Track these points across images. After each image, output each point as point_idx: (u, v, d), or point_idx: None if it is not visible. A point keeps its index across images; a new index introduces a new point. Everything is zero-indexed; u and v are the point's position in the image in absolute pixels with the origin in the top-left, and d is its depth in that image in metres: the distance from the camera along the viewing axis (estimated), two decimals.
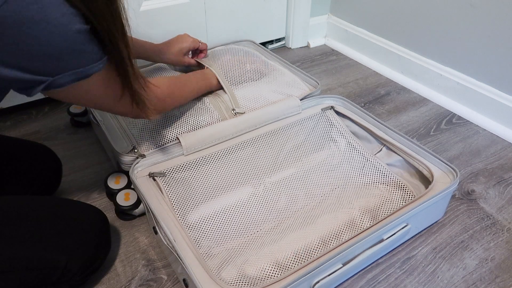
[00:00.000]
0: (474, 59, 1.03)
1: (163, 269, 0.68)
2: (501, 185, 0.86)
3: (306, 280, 0.56)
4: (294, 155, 0.84)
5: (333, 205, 0.74)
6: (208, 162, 0.77)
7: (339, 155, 0.86)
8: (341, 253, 0.58)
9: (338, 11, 1.41)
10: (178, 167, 0.74)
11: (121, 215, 0.77)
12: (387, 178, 0.79)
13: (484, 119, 1.04)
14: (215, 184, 0.75)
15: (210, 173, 0.76)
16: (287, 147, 0.85)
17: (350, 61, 1.36)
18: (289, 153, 0.84)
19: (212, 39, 1.24)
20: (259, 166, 0.80)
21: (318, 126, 0.89)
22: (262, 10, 1.30)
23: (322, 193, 0.78)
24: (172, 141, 0.78)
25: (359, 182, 0.80)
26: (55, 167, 0.77)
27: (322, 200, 0.76)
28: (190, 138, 0.77)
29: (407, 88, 1.20)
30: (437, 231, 0.75)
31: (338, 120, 0.89)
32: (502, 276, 0.68)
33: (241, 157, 0.80)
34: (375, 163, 0.82)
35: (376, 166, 0.81)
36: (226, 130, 0.80)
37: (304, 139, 0.87)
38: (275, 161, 0.82)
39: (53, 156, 0.77)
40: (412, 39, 1.18)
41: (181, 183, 0.73)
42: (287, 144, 0.85)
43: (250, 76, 0.95)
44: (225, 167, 0.78)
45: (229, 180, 0.76)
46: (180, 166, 0.75)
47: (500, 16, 0.94)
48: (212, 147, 0.79)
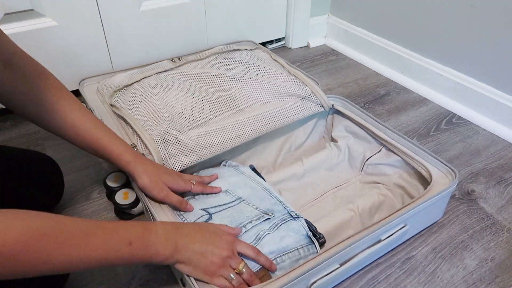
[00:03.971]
0: (474, 59, 1.03)
1: (163, 269, 0.68)
2: (501, 185, 0.86)
3: (302, 280, 0.56)
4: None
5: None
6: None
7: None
8: (338, 253, 0.58)
9: (338, 11, 1.41)
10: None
11: (120, 214, 0.77)
12: None
13: (484, 119, 1.04)
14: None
15: None
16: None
17: (350, 61, 1.35)
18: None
19: (212, 39, 1.24)
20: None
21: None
22: (262, 10, 1.30)
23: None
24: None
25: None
26: (57, 180, 0.75)
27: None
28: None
29: (407, 88, 1.20)
30: (437, 231, 0.75)
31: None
32: (502, 276, 0.68)
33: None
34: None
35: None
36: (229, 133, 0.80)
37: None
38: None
39: (54, 167, 0.74)
40: (412, 39, 1.18)
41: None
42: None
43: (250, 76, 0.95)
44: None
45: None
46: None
47: (500, 16, 0.94)
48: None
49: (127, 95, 0.88)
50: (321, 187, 0.83)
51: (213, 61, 1.00)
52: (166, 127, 0.77)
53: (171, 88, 0.88)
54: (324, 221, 0.71)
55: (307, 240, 0.64)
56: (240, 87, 0.90)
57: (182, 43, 1.19)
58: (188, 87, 0.89)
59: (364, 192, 0.81)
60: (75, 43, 1.03)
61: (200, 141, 0.76)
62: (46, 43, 0.99)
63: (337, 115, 0.92)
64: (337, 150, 0.89)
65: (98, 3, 1.01)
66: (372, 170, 0.84)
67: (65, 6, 0.98)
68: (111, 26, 1.06)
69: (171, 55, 1.09)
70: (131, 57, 1.13)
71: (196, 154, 0.75)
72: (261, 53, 1.06)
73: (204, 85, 0.90)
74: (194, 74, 0.93)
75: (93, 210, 0.79)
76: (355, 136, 0.88)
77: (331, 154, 0.88)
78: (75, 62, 1.05)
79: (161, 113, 0.81)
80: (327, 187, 0.82)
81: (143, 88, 0.89)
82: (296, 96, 0.89)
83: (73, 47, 1.03)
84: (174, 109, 0.83)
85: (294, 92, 0.89)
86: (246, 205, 0.69)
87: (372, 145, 0.86)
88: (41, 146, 0.95)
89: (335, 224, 0.72)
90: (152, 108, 0.83)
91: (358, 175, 0.86)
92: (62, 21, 0.99)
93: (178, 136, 0.75)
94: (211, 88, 0.89)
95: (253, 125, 0.81)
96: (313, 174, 0.85)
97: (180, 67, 0.99)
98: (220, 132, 0.78)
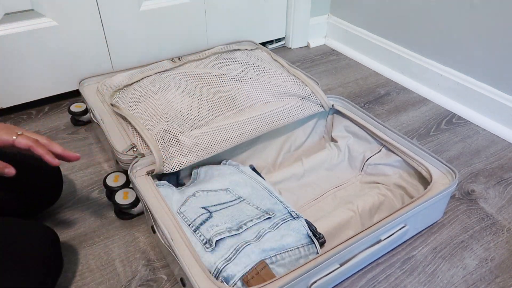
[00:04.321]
0: (474, 59, 1.03)
1: (163, 269, 0.68)
2: (501, 185, 0.86)
3: (303, 280, 0.56)
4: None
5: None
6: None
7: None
8: (338, 253, 0.58)
9: (338, 11, 1.41)
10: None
11: (120, 214, 0.77)
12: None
13: (484, 119, 1.04)
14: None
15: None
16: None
17: (350, 61, 1.35)
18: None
19: (212, 39, 1.24)
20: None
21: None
22: (262, 10, 1.30)
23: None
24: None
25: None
26: (56, 178, 0.75)
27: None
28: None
29: (407, 88, 1.20)
30: (437, 231, 0.75)
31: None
32: (502, 276, 0.68)
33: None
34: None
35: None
36: (229, 132, 0.80)
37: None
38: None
39: (53, 167, 0.74)
40: (412, 39, 1.18)
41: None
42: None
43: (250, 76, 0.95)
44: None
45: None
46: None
47: (500, 16, 0.94)
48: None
49: (127, 95, 0.88)
50: (321, 187, 0.83)
51: (213, 61, 1.01)
52: (166, 126, 0.77)
53: (171, 88, 0.88)
54: (324, 221, 0.71)
55: (307, 240, 0.64)
56: (240, 87, 0.90)
57: (182, 43, 1.19)
58: (188, 87, 0.89)
59: (364, 192, 0.81)
60: (75, 43, 1.03)
61: (199, 140, 0.76)
62: (46, 43, 0.99)
63: (337, 115, 0.92)
64: (337, 150, 0.89)
65: (98, 3, 1.01)
66: (372, 170, 0.84)
67: (65, 6, 0.98)
68: (111, 26, 1.06)
69: (171, 55, 1.10)
70: (131, 57, 1.13)
71: (196, 154, 0.75)
72: (261, 53, 1.06)
73: (204, 85, 0.91)
74: (194, 74, 0.93)
75: (93, 210, 0.79)
76: (355, 136, 0.88)
77: (331, 154, 0.88)
78: (75, 62, 1.06)
79: (161, 112, 0.81)
80: (327, 187, 0.82)
81: (143, 88, 0.89)
82: (296, 96, 0.89)
83: (73, 47, 1.03)
84: (174, 108, 0.83)
85: (294, 92, 0.89)
86: (246, 204, 0.69)
87: (372, 145, 0.86)
88: None
89: (335, 224, 0.72)
90: (152, 107, 0.83)
91: (358, 175, 0.86)
92: (62, 21, 0.99)
93: (178, 136, 0.75)
94: (211, 88, 0.90)
95: (253, 125, 0.81)
96: (313, 174, 0.85)
97: (180, 67, 0.99)
98: (220, 131, 0.78)
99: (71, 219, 0.77)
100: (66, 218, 0.77)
